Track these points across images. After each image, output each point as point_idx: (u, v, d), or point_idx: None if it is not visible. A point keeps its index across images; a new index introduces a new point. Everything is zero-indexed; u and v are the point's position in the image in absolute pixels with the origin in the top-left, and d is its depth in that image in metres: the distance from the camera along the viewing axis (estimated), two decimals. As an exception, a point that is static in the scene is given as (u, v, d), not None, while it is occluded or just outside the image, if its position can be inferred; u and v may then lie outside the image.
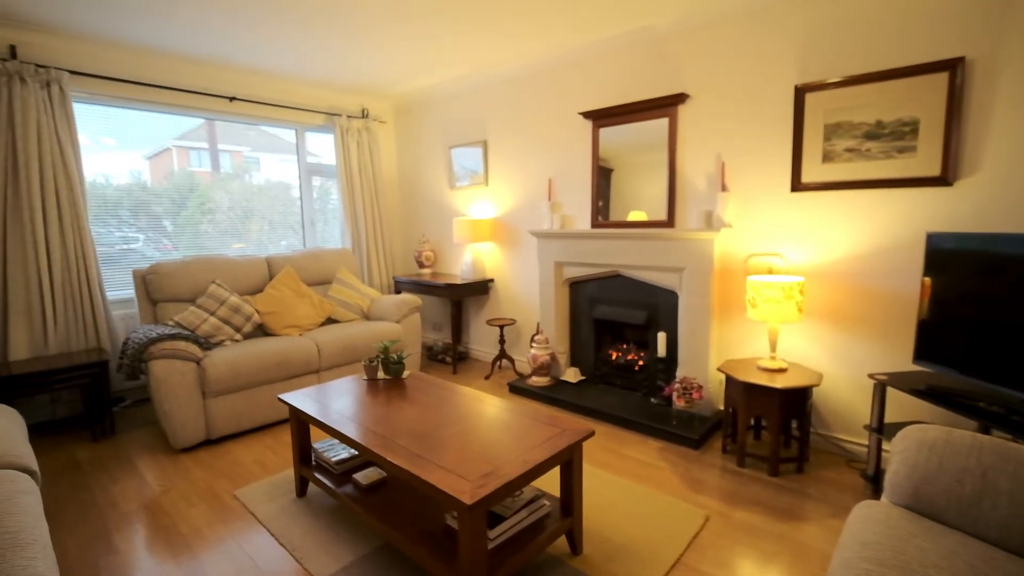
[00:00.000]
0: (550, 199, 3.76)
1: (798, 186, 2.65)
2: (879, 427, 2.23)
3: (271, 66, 3.79)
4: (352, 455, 2.23)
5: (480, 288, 4.31)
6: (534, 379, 3.59)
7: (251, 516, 2.19)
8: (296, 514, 2.18)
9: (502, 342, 4.03)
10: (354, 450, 2.18)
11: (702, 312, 2.90)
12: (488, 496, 1.43)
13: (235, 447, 2.88)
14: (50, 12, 2.80)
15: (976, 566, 1.08)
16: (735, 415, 2.65)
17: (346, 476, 2.16)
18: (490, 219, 4.27)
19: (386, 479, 2.10)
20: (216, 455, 2.79)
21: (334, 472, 2.19)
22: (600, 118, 3.41)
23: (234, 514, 2.22)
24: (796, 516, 2.12)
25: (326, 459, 2.22)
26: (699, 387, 2.89)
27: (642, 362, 3.35)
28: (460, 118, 4.43)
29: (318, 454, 2.28)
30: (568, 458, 1.79)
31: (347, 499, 1.99)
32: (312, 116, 4.43)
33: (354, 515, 2.15)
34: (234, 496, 2.36)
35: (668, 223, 3.15)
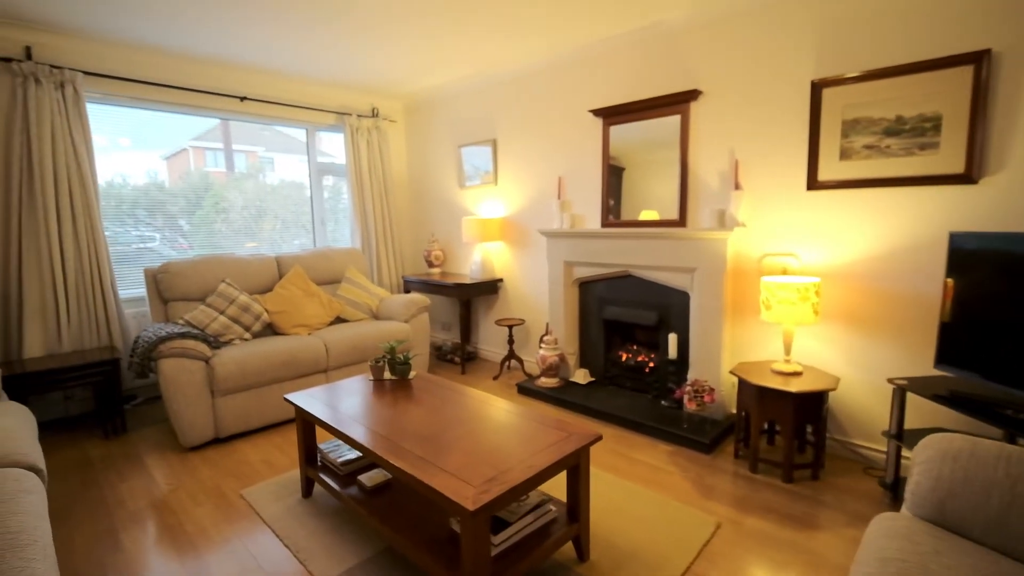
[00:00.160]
0: (560, 198, 3.72)
1: (814, 184, 2.58)
2: (898, 433, 2.16)
3: (280, 65, 3.80)
4: (357, 456, 2.21)
5: (489, 288, 4.28)
6: (543, 380, 3.55)
7: (257, 516, 2.19)
8: (301, 515, 2.17)
9: (511, 342, 4.00)
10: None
11: (714, 313, 2.84)
12: (491, 502, 1.39)
13: (243, 446, 2.89)
14: (64, 13, 2.83)
15: (1004, 585, 1.02)
16: (748, 419, 2.58)
17: (351, 477, 2.14)
18: (499, 218, 4.24)
19: (391, 481, 2.08)
20: (224, 454, 2.80)
21: (339, 473, 2.17)
22: (610, 116, 3.35)
23: (240, 514, 2.22)
24: (811, 524, 2.06)
25: (331, 460, 2.21)
26: (711, 390, 2.82)
27: (652, 364, 3.29)
28: (469, 117, 4.40)
29: (324, 455, 2.27)
30: (575, 463, 1.75)
31: (351, 501, 1.97)
32: (323, 115, 4.44)
33: (358, 517, 2.13)
34: (240, 496, 2.36)
35: (680, 222, 3.09)
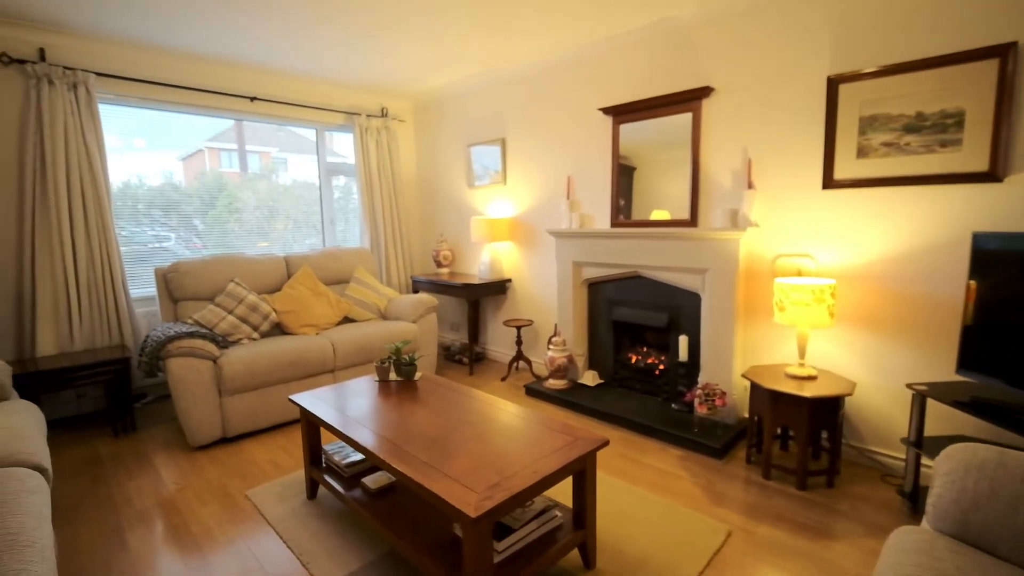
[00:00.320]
0: (568, 198, 3.67)
1: (830, 183, 2.51)
2: (918, 441, 2.08)
3: (290, 65, 3.80)
4: (362, 458, 2.19)
5: (498, 288, 4.25)
6: (551, 382, 3.51)
7: (261, 517, 2.18)
8: (305, 517, 2.16)
9: (519, 343, 3.96)
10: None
11: (726, 315, 2.77)
12: (494, 509, 1.36)
13: (250, 446, 2.89)
14: (77, 15, 2.85)
15: (1034, 606, 0.96)
16: (760, 424, 2.52)
17: (355, 479, 2.12)
18: (508, 218, 4.20)
19: (395, 484, 2.06)
20: (231, 453, 2.80)
21: (343, 475, 2.16)
22: (620, 114, 3.30)
23: (245, 514, 2.21)
24: (826, 534, 1.99)
25: (336, 462, 2.19)
26: (722, 394, 2.76)
27: (663, 366, 3.24)
28: (478, 116, 4.37)
29: (328, 456, 2.26)
30: (581, 468, 1.71)
31: (355, 504, 1.95)
32: (332, 115, 4.44)
33: (362, 520, 2.11)
34: (246, 496, 2.35)
35: (691, 222, 3.03)
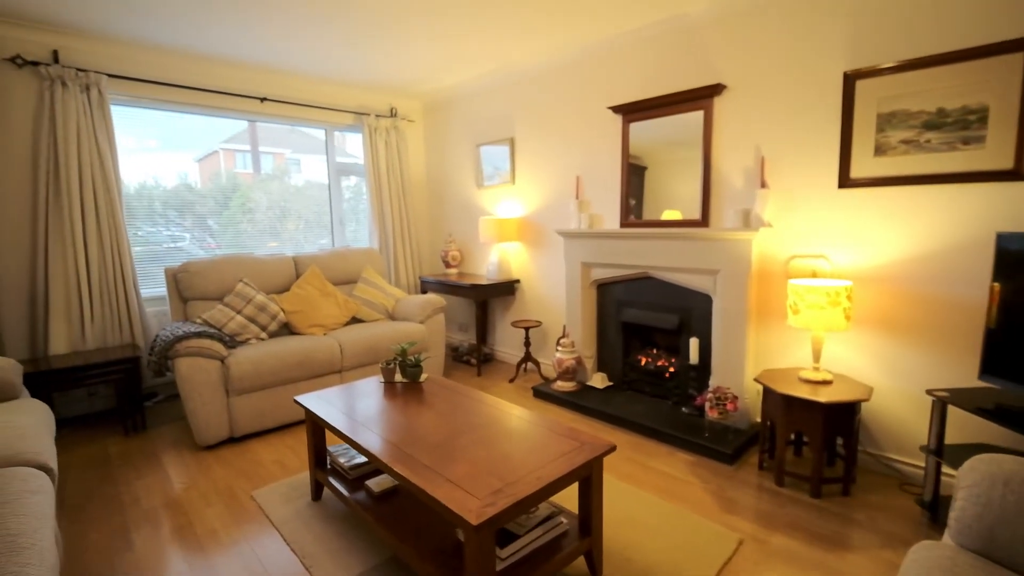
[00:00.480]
0: (578, 197, 3.63)
1: (846, 182, 2.44)
2: (938, 449, 2.01)
3: (299, 65, 3.81)
4: (366, 460, 2.18)
5: (506, 289, 4.22)
6: (559, 384, 3.47)
7: (266, 519, 2.17)
8: (310, 519, 2.14)
9: (527, 344, 3.92)
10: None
11: (738, 317, 2.71)
12: (496, 516, 1.33)
13: (257, 446, 2.89)
14: (89, 17, 2.87)
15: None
16: (773, 429, 2.46)
17: (359, 482, 2.10)
18: (516, 218, 4.17)
19: (398, 487, 2.04)
20: (238, 453, 2.80)
21: (348, 477, 2.14)
22: (630, 112, 3.25)
23: (249, 515, 2.20)
24: (841, 544, 1.93)
25: (340, 464, 2.18)
26: (734, 397, 2.70)
27: (673, 369, 3.18)
28: (487, 116, 4.35)
29: (333, 458, 2.24)
30: (587, 474, 1.67)
31: (358, 507, 1.93)
32: (341, 116, 4.45)
33: (365, 523, 2.09)
34: (251, 497, 2.35)
35: (702, 222, 2.97)
